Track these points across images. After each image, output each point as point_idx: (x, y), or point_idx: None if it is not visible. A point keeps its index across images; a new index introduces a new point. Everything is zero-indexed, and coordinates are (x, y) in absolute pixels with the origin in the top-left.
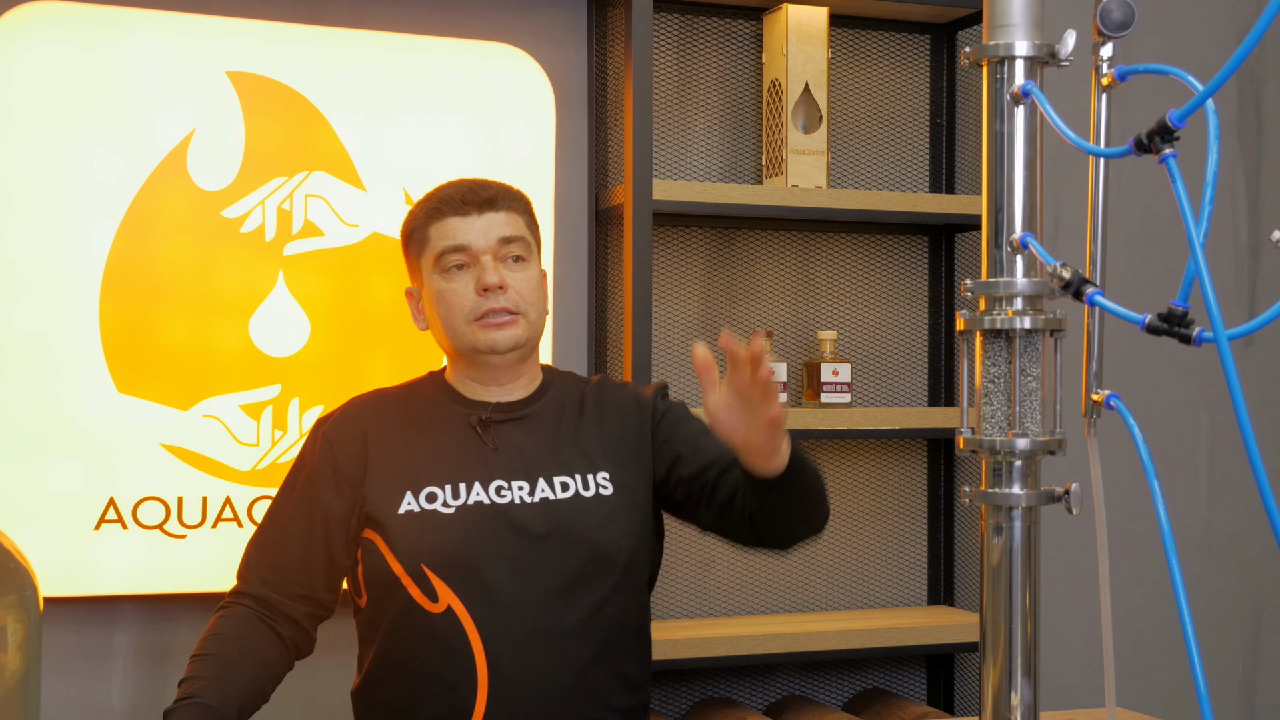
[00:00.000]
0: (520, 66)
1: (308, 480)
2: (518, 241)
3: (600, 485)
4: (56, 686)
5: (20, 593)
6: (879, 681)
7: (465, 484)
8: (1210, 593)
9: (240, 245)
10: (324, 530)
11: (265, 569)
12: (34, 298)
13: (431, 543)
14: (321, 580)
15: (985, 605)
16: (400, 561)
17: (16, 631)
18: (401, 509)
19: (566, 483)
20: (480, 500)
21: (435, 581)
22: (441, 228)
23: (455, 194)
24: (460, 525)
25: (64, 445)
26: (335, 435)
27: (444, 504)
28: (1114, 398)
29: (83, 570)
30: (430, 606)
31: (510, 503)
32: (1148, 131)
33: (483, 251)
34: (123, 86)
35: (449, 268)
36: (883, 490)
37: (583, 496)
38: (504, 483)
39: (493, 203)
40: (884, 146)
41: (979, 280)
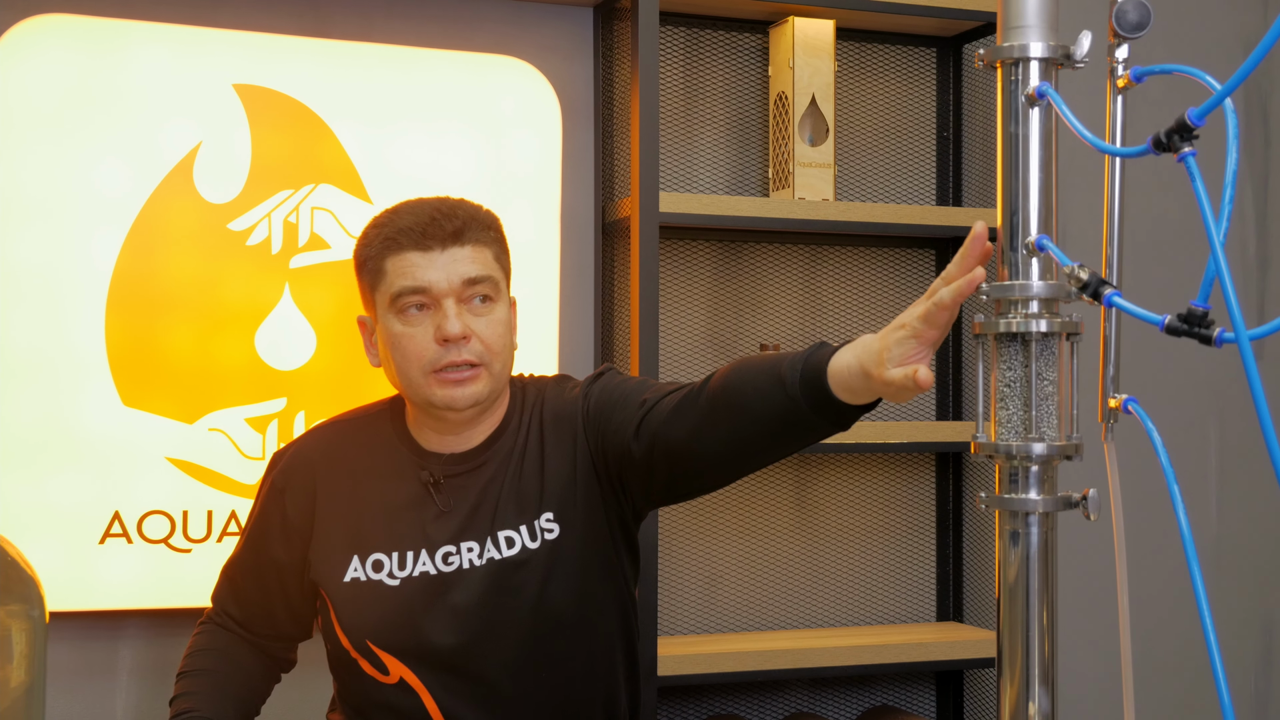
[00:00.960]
0: (526, 79)
1: (258, 528)
2: (485, 282)
3: (545, 530)
4: (60, 701)
5: (26, 603)
6: (888, 699)
7: (412, 553)
8: (1221, 607)
9: (246, 258)
10: (277, 579)
11: (231, 606)
12: (40, 309)
13: (376, 618)
14: (285, 621)
15: (1001, 614)
16: (347, 636)
17: (21, 641)
18: (347, 576)
19: (512, 537)
20: (426, 571)
21: (383, 656)
22: (399, 263)
23: (415, 225)
24: (405, 597)
25: (69, 458)
26: (284, 482)
27: (389, 574)
28: (1132, 401)
29: (87, 584)
30: (382, 679)
31: (458, 569)
32: (1166, 130)
33: (445, 295)
34: (129, 99)
35: (406, 309)
36: (891, 505)
37: (529, 549)
38: (452, 548)
39: (459, 235)
40: (891, 159)
41: (995, 283)
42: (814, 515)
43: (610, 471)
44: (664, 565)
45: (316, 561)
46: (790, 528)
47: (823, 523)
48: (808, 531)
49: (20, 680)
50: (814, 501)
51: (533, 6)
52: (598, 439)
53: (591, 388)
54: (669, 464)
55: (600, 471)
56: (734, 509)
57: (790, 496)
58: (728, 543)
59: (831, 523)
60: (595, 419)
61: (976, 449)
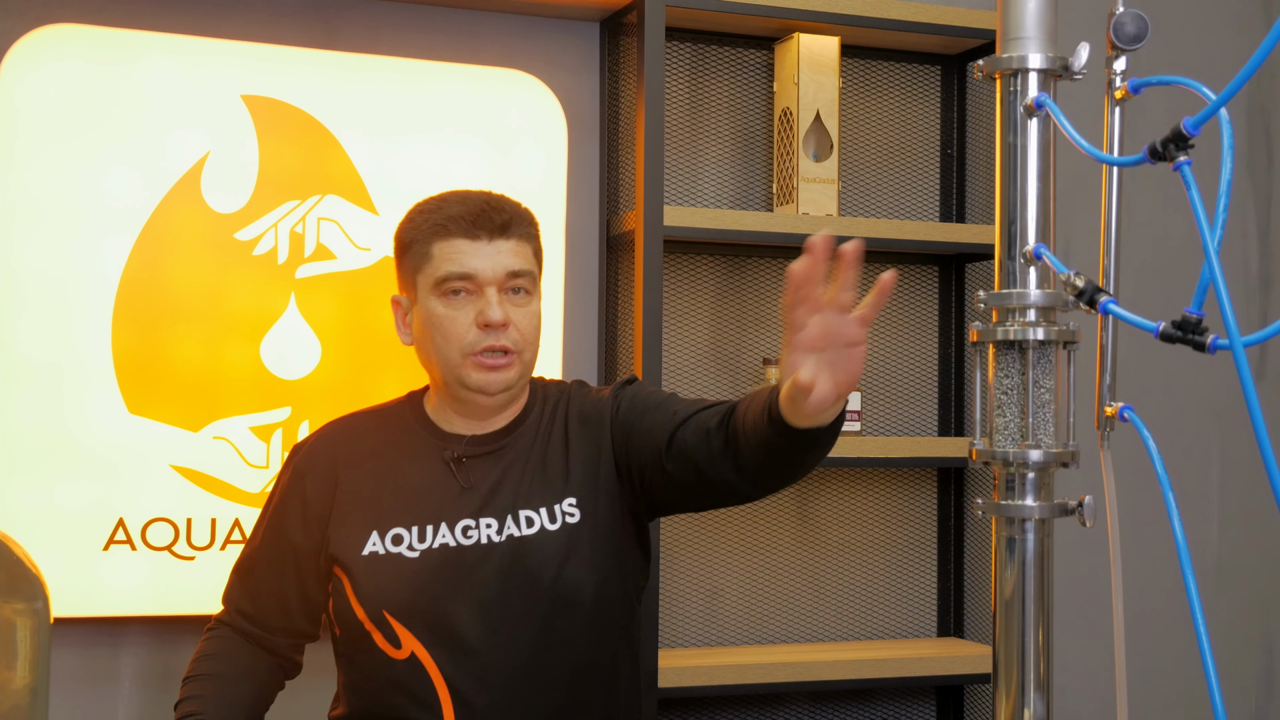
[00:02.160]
0: (532, 93)
1: (277, 516)
2: (525, 275)
3: (567, 514)
4: (63, 707)
5: (31, 602)
6: (888, 714)
7: (432, 525)
8: (1222, 627)
9: (253, 268)
10: (294, 566)
11: (243, 601)
12: (47, 317)
13: (394, 588)
14: (299, 612)
15: (997, 620)
16: (363, 606)
17: (26, 640)
18: (366, 550)
19: (532, 517)
20: (446, 543)
21: (397, 628)
22: (447, 248)
23: (466, 214)
24: (424, 570)
25: (74, 465)
26: (306, 467)
27: (409, 547)
28: (1128, 409)
29: (91, 590)
30: (394, 653)
31: (476, 543)
32: (1162, 139)
33: (489, 283)
34: (138, 108)
35: (449, 293)
36: (892, 520)
37: (548, 530)
38: (471, 522)
39: (506, 229)
40: (895, 176)
41: (992, 292)
42: (815, 529)
43: (633, 473)
44: (666, 578)
45: (335, 538)
46: (792, 542)
47: (824, 537)
48: (809, 545)
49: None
50: (815, 516)
51: (539, 21)
52: (623, 439)
53: (622, 392)
54: (693, 481)
55: (622, 470)
56: (736, 523)
57: (792, 510)
58: (729, 556)
59: (833, 537)
60: (624, 420)
61: (975, 456)
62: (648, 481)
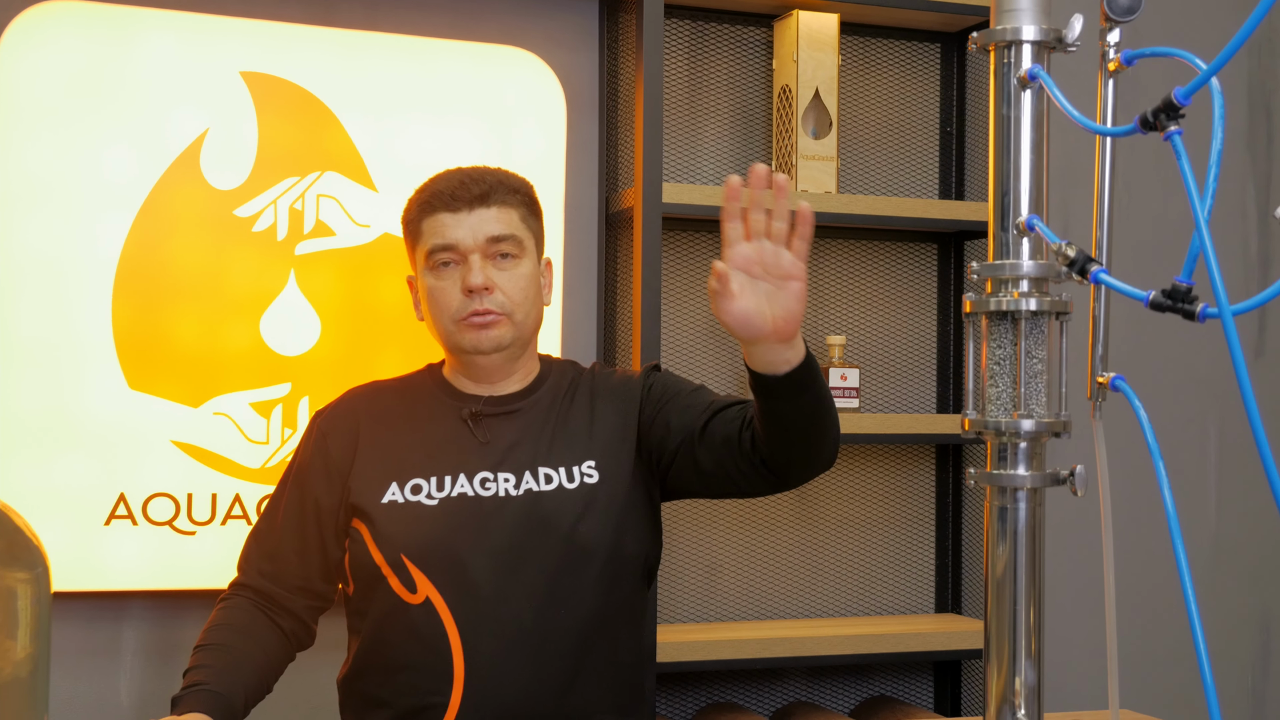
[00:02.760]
0: (532, 70)
1: (301, 472)
2: (508, 240)
3: (585, 475)
4: (65, 682)
5: (32, 569)
6: (885, 689)
7: (450, 476)
8: (1220, 605)
9: (252, 244)
10: (316, 521)
11: (263, 561)
12: (48, 294)
13: (412, 533)
14: (318, 571)
15: (989, 590)
16: (381, 551)
17: (26, 608)
18: (385, 499)
19: (550, 474)
20: (464, 493)
21: (414, 571)
22: (433, 223)
23: (447, 188)
24: (442, 517)
25: (75, 441)
26: (329, 427)
27: (428, 495)
28: (1119, 380)
29: (92, 565)
30: (409, 597)
31: (494, 495)
32: (1153, 109)
33: (470, 250)
34: (137, 85)
35: (437, 265)
36: (890, 497)
37: (566, 488)
38: (489, 475)
39: (485, 198)
40: (894, 153)
41: (985, 263)
42: (814, 506)
43: (655, 455)
44: (664, 553)
45: (356, 488)
46: (790, 518)
47: (822, 513)
48: (807, 522)
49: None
50: (814, 492)
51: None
52: (651, 419)
53: (655, 375)
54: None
55: (644, 450)
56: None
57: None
58: (728, 533)
59: (831, 513)
60: (655, 400)
61: (967, 426)
62: (673, 465)
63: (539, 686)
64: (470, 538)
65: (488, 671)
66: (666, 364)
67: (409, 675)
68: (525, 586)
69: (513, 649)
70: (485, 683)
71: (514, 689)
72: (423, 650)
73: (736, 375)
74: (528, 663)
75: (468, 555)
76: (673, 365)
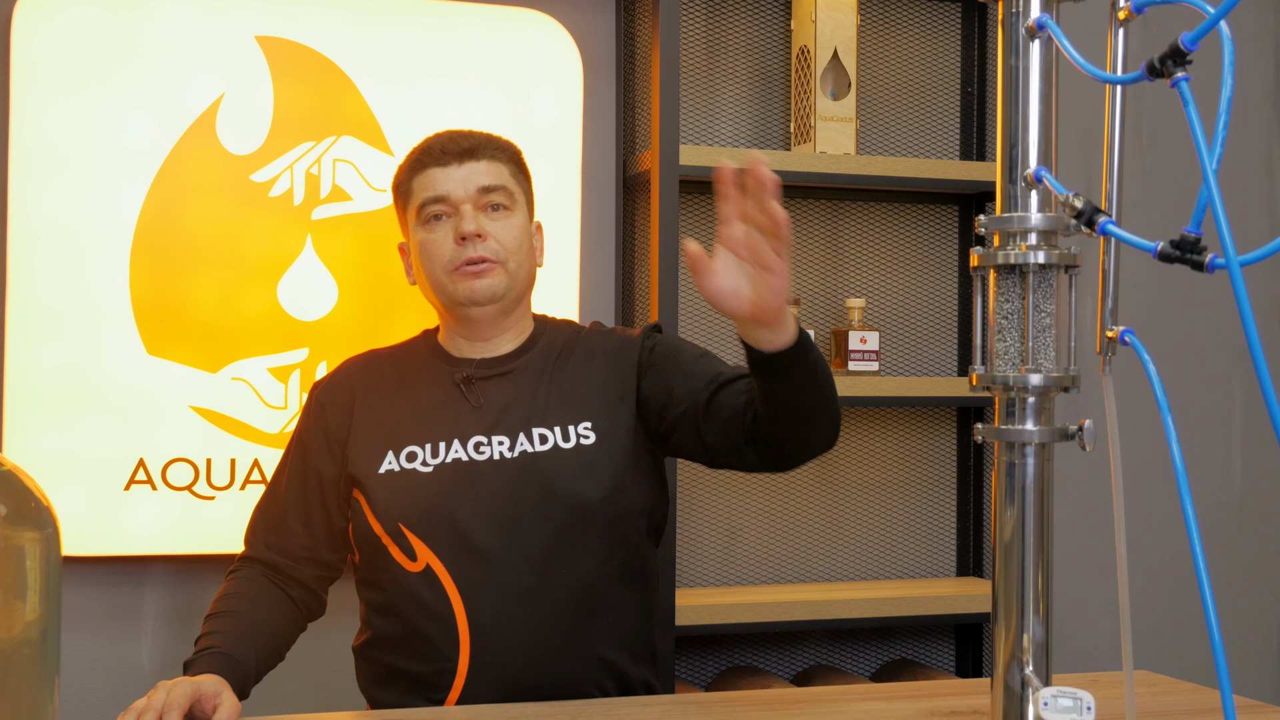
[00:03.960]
0: (548, 32)
1: (302, 444)
2: (499, 190)
3: (581, 435)
4: (86, 646)
5: (41, 529)
6: (907, 652)
7: (445, 442)
8: (1244, 568)
9: (269, 209)
10: (319, 492)
11: (269, 533)
12: (66, 260)
13: (408, 501)
14: (324, 542)
15: (996, 546)
16: (380, 521)
17: (35, 568)
18: (382, 468)
19: (545, 435)
20: (459, 458)
21: (413, 540)
22: (423, 179)
23: (435, 145)
24: (437, 483)
25: (95, 407)
26: (326, 398)
27: (423, 463)
28: (1128, 333)
29: (113, 530)
30: (409, 565)
31: (489, 459)
32: (1160, 56)
33: (462, 201)
34: (153, 51)
35: (429, 218)
36: (911, 460)
37: (561, 448)
38: (483, 439)
39: (473, 152)
40: (914, 114)
41: (993, 216)
42: (835, 469)
43: (653, 417)
44: (683, 517)
45: (354, 458)
46: (811, 481)
47: (844, 477)
48: (828, 485)
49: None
50: (835, 455)
51: None
52: (651, 383)
53: (654, 336)
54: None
55: (643, 411)
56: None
57: None
58: (748, 496)
59: (852, 477)
60: (655, 365)
61: (975, 381)
62: (674, 432)
63: (545, 648)
64: (466, 502)
65: (492, 635)
66: (684, 328)
67: (418, 643)
68: (524, 548)
69: (516, 611)
70: (491, 646)
71: (519, 651)
72: (428, 617)
73: None
74: (532, 624)
75: (465, 520)
76: (690, 328)
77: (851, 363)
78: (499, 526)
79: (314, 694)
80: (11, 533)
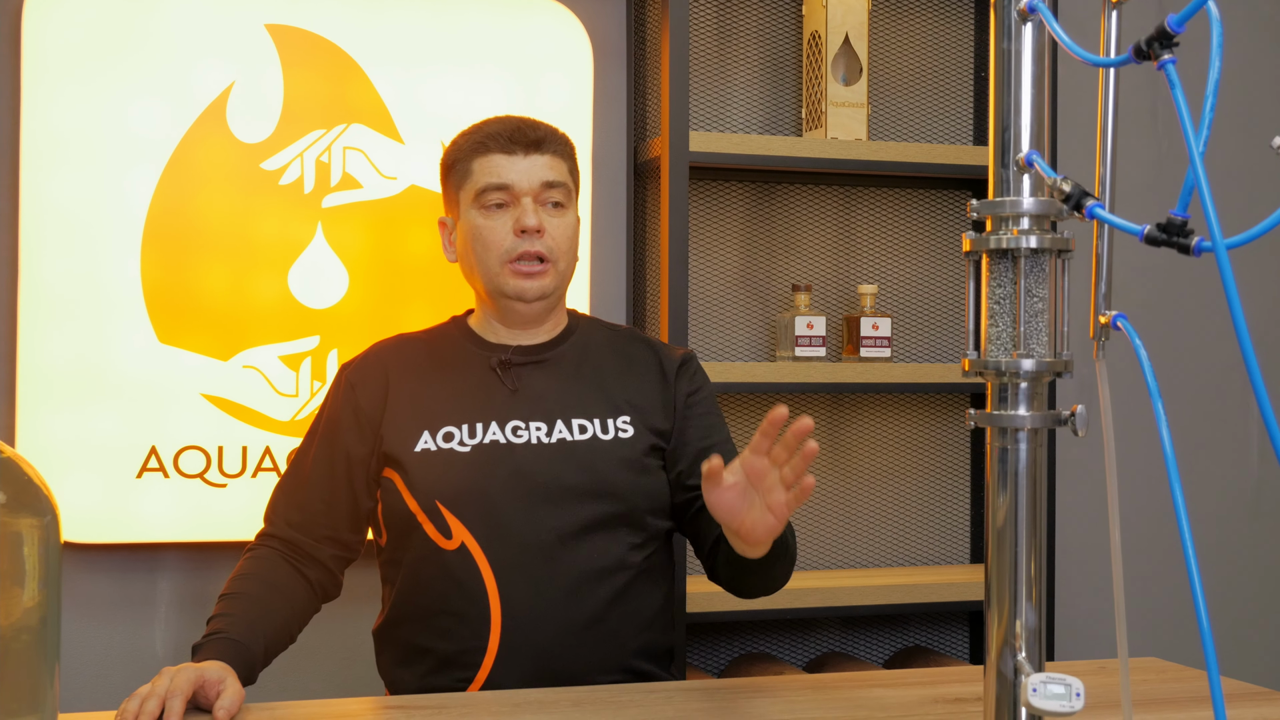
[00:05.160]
0: (558, 19)
1: (330, 423)
2: (559, 187)
3: (620, 429)
4: (100, 633)
5: (40, 516)
6: (920, 640)
7: (482, 424)
8: (1261, 557)
9: (279, 197)
10: (346, 472)
11: (291, 511)
12: (77, 249)
13: (446, 479)
14: (346, 521)
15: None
16: (416, 498)
17: (33, 554)
18: (418, 447)
19: (584, 425)
20: (496, 440)
21: (449, 517)
22: (486, 163)
23: (503, 131)
24: (475, 463)
25: (107, 394)
26: (358, 378)
27: (460, 443)
28: (1120, 318)
29: (125, 518)
30: (444, 543)
31: (526, 443)
32: (1147, 38)
33: (525, 193)
34: (163, 39)
35: (489, 205)
36: (924, 447)
37: (600, 439)
38: (521, 423)
39: (540, 145)
40: (926, 100)
41: (985, 200)
42: (848, 456)
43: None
44: None
45: (388, 437)
46: (824, 468)
47: (856, 464)
48: (841, 472)
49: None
50: (848, 442)
51: None
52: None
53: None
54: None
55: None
56: None
57: (824, 437)
58: None
59: (864, 464)
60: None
61: (967, 366)
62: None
63: (573, 632)
64: (504, 484)
65: (524, 616)
66: (694, 313)
67: (447, 621)
68: (559, 534)
69: (547, 594)
70: (521, 627)
71: (549, 634)
72: (460, 596)
73: (763, 324)
74: (562, 608)
75: (502, 501)
76: (700, 314)
77: (864, 349)
78: (535, 510)
79: (329, 680)
80: (10, 519)
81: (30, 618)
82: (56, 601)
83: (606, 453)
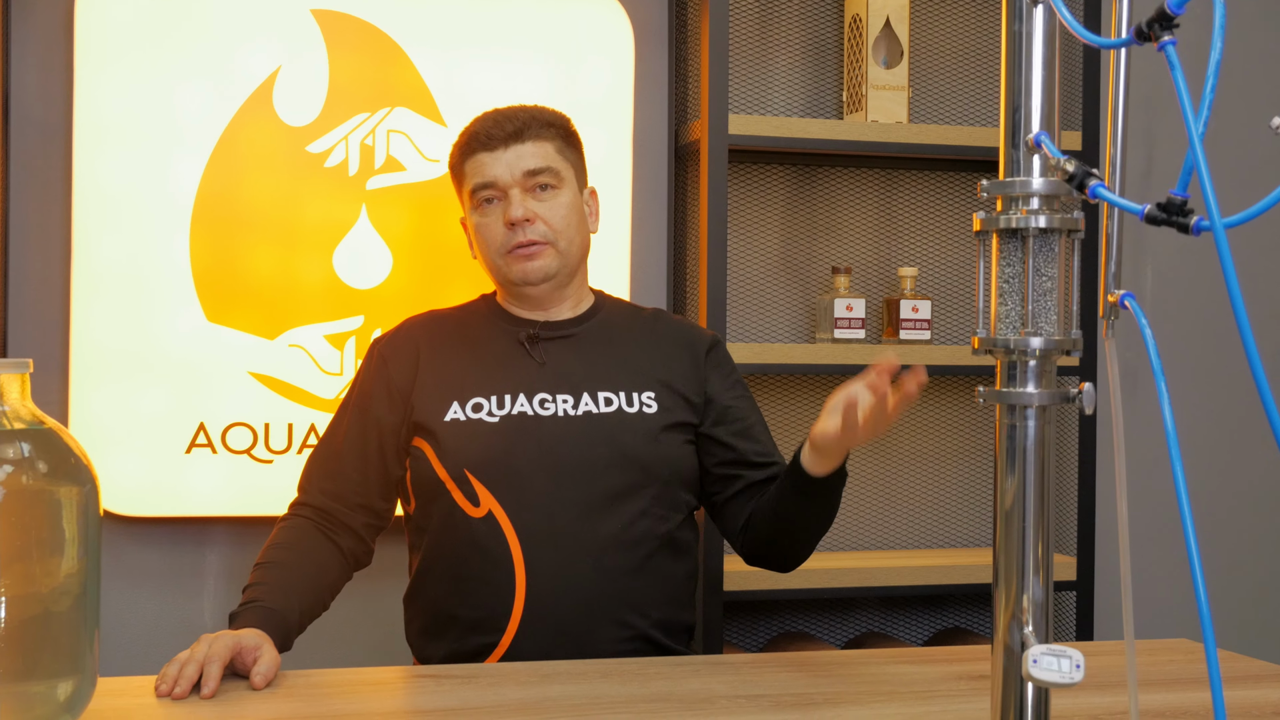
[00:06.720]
0: (599, 3)
1: (363, 395)
2: (544, 172)
3: (645, 404)
4: (150, 604)
5: (81, 486)
6: (959, 621)
7: (510, 395)
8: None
9: (324, 180)
10: (378, 441)
11: (324, 480)
12: (128, 230)
13: (475, 448)
14: (377, 490)
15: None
16: (445, 466)
17: (73, 522)
18: (448, 416)
19: (610, 398)
20: (524, 411)
21: (477, 485)
22: (474, 163)
23: (483, 128)
24: (503, 433)
25: (156, 372)
26: (389, 352)
27: (489, 413)
28: (1129, 297)
29: (175, 492)
30: (472, 510)
31: (553, 415)
32: (1148, 20)
33: (509, 185)
34: (210, 24)
35: (480, 203)
36: (963, 429)
37: (626, 412)
38: (548, 395)
39: (519, 134)
40: (966, 83)
41: (995, 180)
42: (886, 438)
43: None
44: None
45: (419, 407)
46: (862, 450)
47: (896, 445)
48: (880, 454)
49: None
50: None
51: None
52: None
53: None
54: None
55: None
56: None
57: None
58: None
59: (904, 446)
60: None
61: (976, 344)
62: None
63: (597, 601)
64: (530, 454)
65: (549, 584)
66: (733, 295)
67: (473, 586)
68: (583, 504)
69: (572, 563)
70: (546, 594)
71: (572, 602)
72: (485, 562)
73: (803, 306)
74: (586, 577)
75: (528, 471)
76: (740, 296)
77: (903, 331)
78: (561, 480)
79: (362, 650)
80: (50, 488)
81: (71, 584)
82: (96, 568)
83: (631, 426)
